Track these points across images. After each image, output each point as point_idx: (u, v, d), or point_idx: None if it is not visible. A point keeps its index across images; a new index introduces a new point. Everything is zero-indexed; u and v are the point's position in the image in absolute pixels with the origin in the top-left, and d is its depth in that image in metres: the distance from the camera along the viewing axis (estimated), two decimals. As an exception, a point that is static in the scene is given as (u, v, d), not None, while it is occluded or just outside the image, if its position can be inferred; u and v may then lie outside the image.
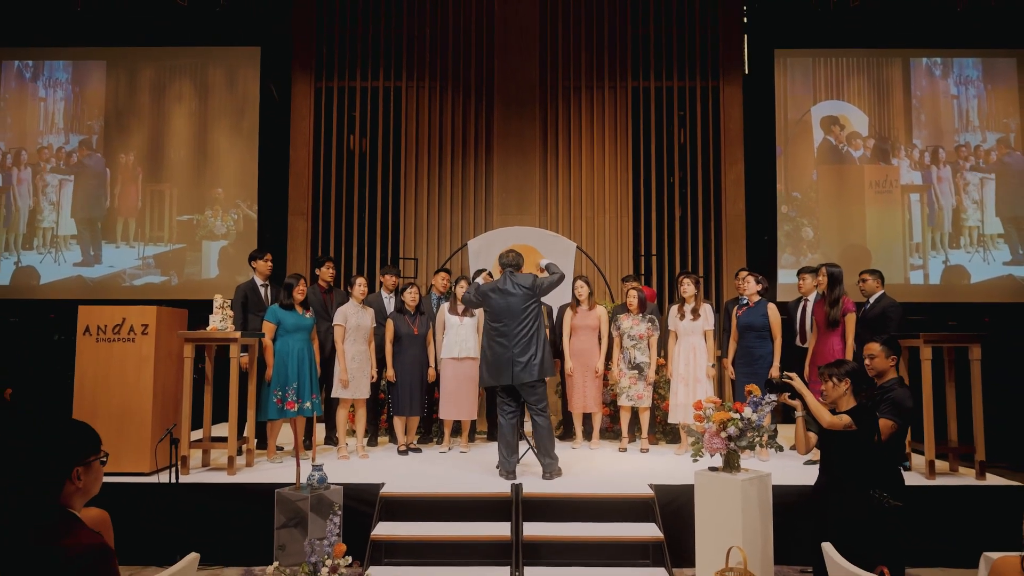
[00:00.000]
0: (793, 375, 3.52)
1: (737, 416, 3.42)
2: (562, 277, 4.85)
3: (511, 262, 4.91)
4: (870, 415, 3.37)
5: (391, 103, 8.46)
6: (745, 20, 8.57)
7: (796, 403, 3.48)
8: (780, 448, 3.70)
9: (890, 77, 8.61)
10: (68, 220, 8.40)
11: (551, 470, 4.73)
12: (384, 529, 4.13)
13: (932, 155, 8.55)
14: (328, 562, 3.34)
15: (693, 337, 5.74)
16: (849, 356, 5.12)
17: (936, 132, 8.57)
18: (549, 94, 8.39)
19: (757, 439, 3.45)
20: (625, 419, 5.96)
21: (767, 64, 8.63)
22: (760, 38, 8.62)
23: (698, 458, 3.68)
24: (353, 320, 5.52)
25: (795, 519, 4.00)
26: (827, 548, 2.58)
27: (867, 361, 3.68)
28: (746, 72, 8.55)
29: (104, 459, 1.90)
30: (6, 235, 8.39)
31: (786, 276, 8.25)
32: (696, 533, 3.58)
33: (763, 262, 8.33)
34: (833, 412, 3.36)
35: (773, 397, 3.54)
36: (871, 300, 5.50)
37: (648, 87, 8.46)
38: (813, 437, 3.57)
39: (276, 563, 3.43)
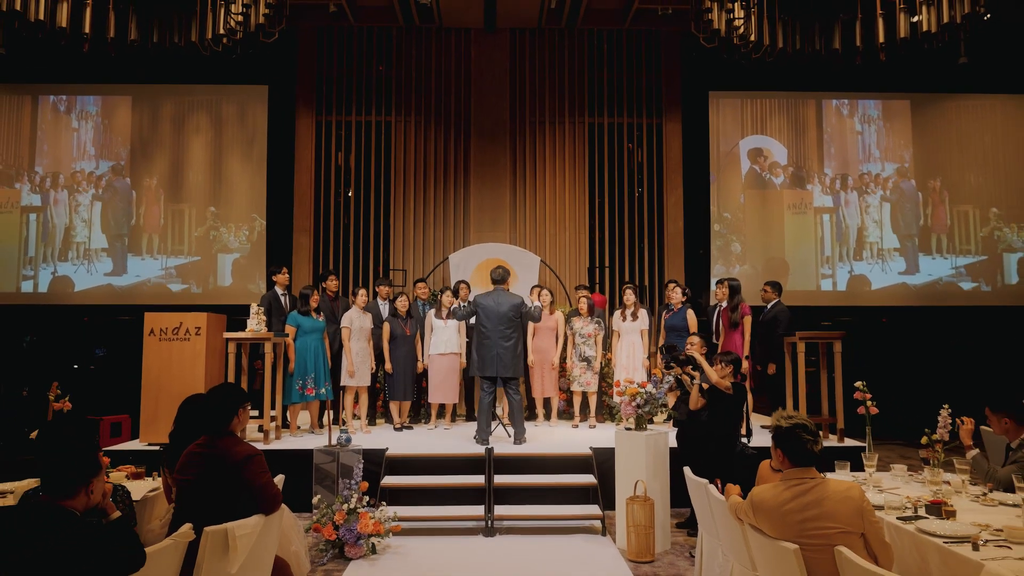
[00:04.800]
0: (694, 352, 5.04)
1: (643, 391, 4.88)
2: (538, 319, 6.62)
3: (500, 277, 6.35)
4: (742, 389, 4.88)
5: (382, 135, 9.79)
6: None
7: (696, 373, 4.98)
8: (679, 420, 5.17)
9: (805, 116, 10.19)
10: (99, 235, 9.61)
11: (519, 438, 6.15)
12: (390, 480, 5.52)
13: (841, 182, 10.13)
14: (355, 495, 4.74)
15: (632, 335, 7.20)
16: (747, 350, 6.63)
17: (843, 162, 10.16)
18: (518, 128, 9.80)
19: (658, 407, 4.92)
20: (577, 402, 7.39)
21: (702, 104, 10.15)
22: (696, 82, 10.11)
23: (619, 423, 5.12)
24: (357, 323, 6.88)
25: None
26: (686, 470, 4.02)
27: (687, 347, 5.18)
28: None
29: (249, 406, 3.29)
30: (44, 248, 9.58)
31: (718, 284, 9.77)
32: (616, 475, 5.02)
33: (698, 273, 9.84)
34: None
35: (671, 378, 5.02)
36: (768, 306, 7.03)
37: (602, 123, 9.91)
38: (702, 400, 5.02)
39: (318, 496, 4.80)
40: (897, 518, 3.09)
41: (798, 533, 2.58)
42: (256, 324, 6.29)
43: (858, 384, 4.16)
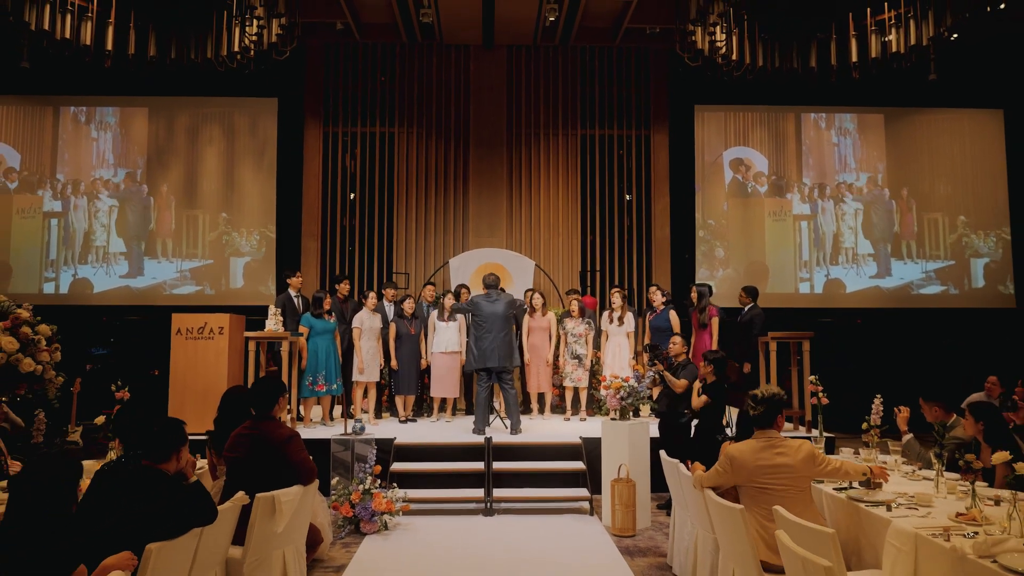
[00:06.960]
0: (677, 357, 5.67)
1: (626, 385, 5.47)
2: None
3: (493, 283, 6.96)
4: (719, 388, 5.46)
5: (386, 145, 10.36)
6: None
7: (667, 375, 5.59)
8: (660, 412, 5.76)
9: (785, 128, 10.80)
10: (117, 239, 10.14)
11: (515, 429, 6.73)
12: (399, 466, 6.09)
13: (819, 191, 10.75)
14: (369, 477, 5.31)
15: (619, 337, 7.79)
16: (715, 348, 7.23)
17: (821, 172, 10.78)
18: (514, 139, 10.37)
19: (640, 400, 5.51)
20: (569, 397, 7.97)
21: (688, 117, 10.75)
22: (682, 96, 10.70)
23: (606, 416, 5.70)
24: (367, 323, 7.45)
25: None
26: (662, 453, 4.61)
27: (670, 347, 5.77)
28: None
29: (287, 396, 3.86)
30: (65, 252, 10.11)
31: (702, 287, 10.34)
32: (602, 460, 5.61)
33: (684, 276, 10.42)
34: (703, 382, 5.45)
35: (652, 374, 5.61)
36: (744, 310, 7.62)
37: (593, 134, 10.50)
38: (704, 397, 5.58)
39: (336, 479, 5.37)
40: (833, 488, 3.69)
41: (769, 475, 3.25)
42: (274, 324, 6.86)
43: (811, 378, 4.75)
